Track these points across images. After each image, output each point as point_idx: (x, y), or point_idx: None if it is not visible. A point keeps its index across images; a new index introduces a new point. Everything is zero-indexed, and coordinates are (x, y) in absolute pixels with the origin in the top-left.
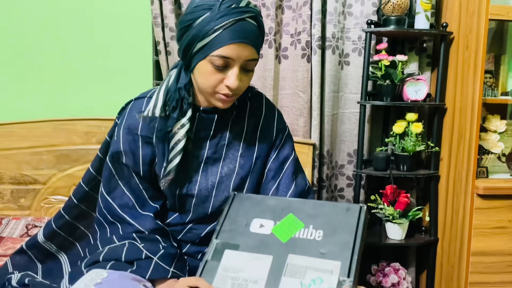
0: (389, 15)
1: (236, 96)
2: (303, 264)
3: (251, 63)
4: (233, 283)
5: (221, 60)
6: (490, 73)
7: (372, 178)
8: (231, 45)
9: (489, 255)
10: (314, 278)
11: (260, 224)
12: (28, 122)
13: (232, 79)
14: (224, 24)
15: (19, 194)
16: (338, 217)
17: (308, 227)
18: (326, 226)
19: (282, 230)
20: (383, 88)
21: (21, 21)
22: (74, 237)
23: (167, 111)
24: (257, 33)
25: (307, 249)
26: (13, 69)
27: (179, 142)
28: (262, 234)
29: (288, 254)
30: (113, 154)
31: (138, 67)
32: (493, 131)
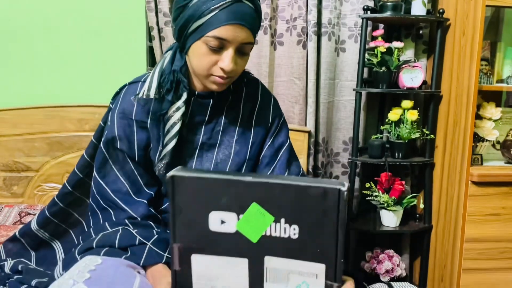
0: (385, 1)
1: (231, 79)
2: (284, 268)
3: (247, 47)
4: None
5: (216, 41)
6: (486, 61)
7: (367, 165)
8: (227, 26)
9: (483, 241)
10: (299, 284)
11: (221, 219)
12: (21, 108)
13: (226, 61)
14: (221, 5)
15: (12, 182)
16: (314, 207)
17: (279, 221)
18: (300, 219)
19: (248, 227)
20: (379, 75)
21: (12, 7)
22: (67, 224)
23: (161, 93)
24: (254, 16)
25: (283, 249)
26: (4, 55)
27: (174, 125)
28: (226, 234)
29: (264, 256)
30: (108, 139)
31: (132, 53)
32: (488, 119)
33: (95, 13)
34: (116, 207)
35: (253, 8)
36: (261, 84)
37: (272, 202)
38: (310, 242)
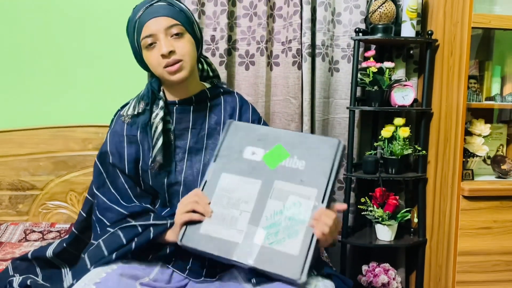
0: (376, 24)
1: (183, 62)
2: (287, 189)
3: (174, 28)
4: (228, 201)
5: (148, 39)
6: (475, 79)
7: (362, 181)
8: (147, 24)
9: (475, 254)
10: (294, 202)
11: (252, 151)
12: (27, 129)
13: (161, 47)
14: (139, 15)
15: (17, 200)
16: (319, 150)
17: (293, 157)
18: (308, 157)
19: (271, 158)
20: (372, 94)
21: (19, 30)
22: (79, 251)
23: (141, 108)
24: (168, 7)
25: (291, 176)
26: (11, 77)
27: (157, 128)
28: (253, 161)
29: (274, 180)
30: (101, 154)
31: (133, 75)
32: (478, 135)
33: (100, 38)
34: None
35: (166, 3)
36: (237, 93)
37: (291, 145)
38: (310, 173)
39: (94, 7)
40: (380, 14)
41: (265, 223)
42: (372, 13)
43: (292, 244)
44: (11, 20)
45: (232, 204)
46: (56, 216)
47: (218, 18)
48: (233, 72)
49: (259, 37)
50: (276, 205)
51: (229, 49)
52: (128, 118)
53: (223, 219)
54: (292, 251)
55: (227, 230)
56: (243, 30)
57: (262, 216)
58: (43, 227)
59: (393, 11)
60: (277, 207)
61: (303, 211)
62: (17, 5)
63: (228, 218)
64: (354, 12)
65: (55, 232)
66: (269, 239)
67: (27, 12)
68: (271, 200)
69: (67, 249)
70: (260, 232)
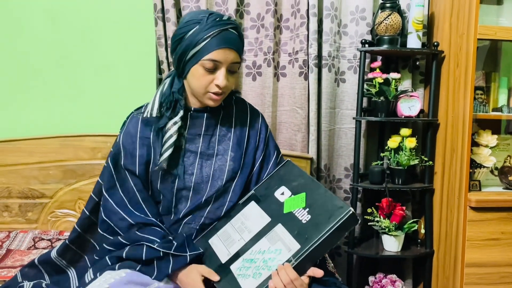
0: (382, 35)
1: (224, 94)
2: (281, 236)
3: (235, 65)
4: (240, 226)
5: (211, 63)
6: (482, 90)
7: (369, 191)
8: (219, 50)
9: (483, 266)
10: (278, 249)
11: (283, 191)
12: (36, 138)
13: (221, 78)
14: (211, 34)
15: (27, 208)
16: (327, 211)
17: (305, 209)
18: (316, 214)
19: (290, 203)
20: (378, 104)
21: (30, 40)
22: (83, 250)
23: (162, 112)
24: (238, 41)
25: (292, 225)
26: (21, 87)
27: (171, 137)
28: (278, 200)
29: (279, 223)
30: (114, 155)
31: (142, 85)
32: (485, 146)
33: (109, 48)
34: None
35: (237, 34)
36: (248, 103)
37: (313, 198)
38: (307, 229)
39: (104, 17)
40: (386, 25)
41: (247, 256)
42: (378, 25)
43: (251, 283)
44: (21, 30)
45: (240, 229)
46: (64, 224)
47: None
48: (240, 82)
49: (266, 48)
50: (265, 245)
51: None
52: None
53: (226, 238)
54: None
55: (222, 247)
56: (250, 42)
57: (250, 249)
58: (51, 235)
59: (399, 23)
60: (264, 247)
61: (277, 260)
62: (27, 15)
63: (230, 239)
64: (360, 23)
65: (63, 240)
66: (240, 271)
67: (37, 21)
68: (264, 239)
69: (69, 247)
70: (239, 261)
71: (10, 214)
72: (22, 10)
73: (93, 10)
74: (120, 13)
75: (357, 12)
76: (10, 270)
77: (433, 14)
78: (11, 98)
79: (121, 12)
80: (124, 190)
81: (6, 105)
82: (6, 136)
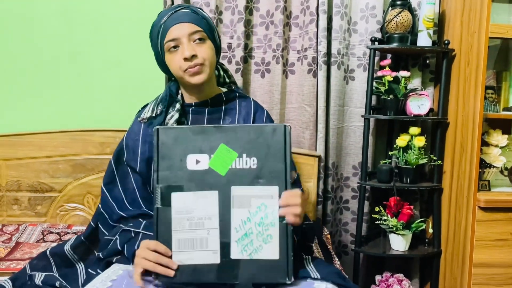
0: (392, 33)
1: (203, 66)
2: (246, 194)
3: (197, 34)
4: (190, 223)
5: (171, 43)
6: (492, 89)
7: (376, 190)
8: (171, 29)
9: (491, 267)
10: (258, 205)
11: (196, 160)
12: (46, 132)
13: (184, 50)
14: (164, 21)
15: (36, 202)
16: (267, 141)
17: (241, 156)
18: (258, 152)
19: (218, 163)
20: (387, 102)
21: (40, 36)
22: (95, 246)
23: (158, 110)
24: (191, 14)
25: (246, 178)
26: (33, 82)
27: None
28: (200, 170)
29: (230, 187)
30: (117, 152)
31: (150, 81)
32: (495, 145)
33: (119, 44)
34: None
35: (190, 11)
36: (253, 99)
37: (235, 142)
38: (265, 169)
39: (115, 14)
40: (396, 23)
41: (236, 235)
42: (389, 23)
43: (270, 249)
44: (34, 26)
45: (196, 225)
46: (73, 218)
47: (235, 26)
48: (248, 79)
49: (275, 45)
50: (242, 213)
51: (245, 56)
52: (145, 120)
53: (192, 244)
54: (272, 256)
55: (200, 253)
56: (259, 38)
57: (231, 228)
58: (60, 229)
59: (409, 21)
60: (243, 215)
61: (270, 213)
62: (41, 11)
63: (197, 241)
64: (371, 21)
65: (71, 234)
66: (247, 251)
67: (50, 18)
68: (235, 210)
69: (84, 242)
70: (234, 246)
71: (19, 207)
72: (36, 6)
73: (104, 6)
74: (130, 10)
75: (367, 9)
76: (19, 262)
77: (444, 12)
78: (23, 93)
79: (131, 8)
80: (123, 186)
81: (18, 99)
82: (18, 130)
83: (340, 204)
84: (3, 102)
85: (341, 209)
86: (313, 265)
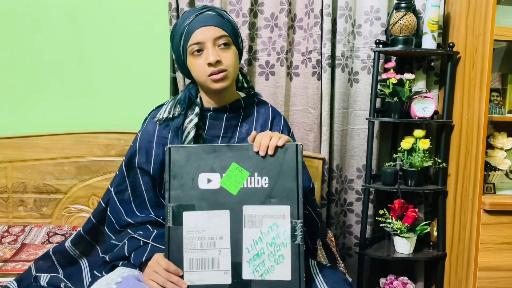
0: (397, 35)
1: (227, 73)
2: (258, 214)
3: (222, 39)
4: (201, 242)
5: (195, 47)
6: (497, 92)
7: (381, 192)
8: (196, 32)
9: (496, 270)
10: (270, 225)
11: (208, 179)
12: (52, 134)
13: (208, 56)
14: (188, 23)
15: (42, 203)
16: (279, 160)
17: (253, 175)
18: (269, 171)
19: (230, 182)
20: (391, 105)
21: (46, 38)
22: (96, 241)
23: (176, 112)
24: (217, 17)
25: (257, 198)
26: (39, 85)
27: (189, 134)
28: (212, 190)
29: (242, 206)
30: (130, 154)
31: (156, 83)
32: (500, 148)
33: (124, 47)
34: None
35: (214, 13)
36: (271, 105)
37: (247, 161)
38: (277, 188)
39: (119, 17)
40: (401, 26)
41: (248, 256)
42: (393, 25)
43: (282, 269)
44: (41, 29)
45: (207, 245)
46: (78, 220)
47: (240, 28)
48: (253, 81)
49: (279, 47)
50: (253, 233)
51: (249, 59)
52: (161, 121)
53: (203, 264)
54: (284, 277)
55: (212, 273)
56: (263, 41)
57: (243, 248)
58: (65, 230)
59: (414, 23)
60: (254, 235)
61: (282, 233)
62: (47, 14)
63: (209, 261)
64: (375, 24)
65: None
66: (258, 271)
67: (56, 21)
68: (246, 229)
69: (83, 236)
70: (246, 266)
71: (25, 208)
72: (42, 10)
73: (110, 10)
74: (135, 13)
75: (371, 12)
76: (24, 263)
77: (449, 14)
78: (30, 95)
79: (136, 11)
80: (132, 189)
81: (25, 102)
82: (24, 132)
83: (344, 206)
84: (9, 104)
85: (345, 211)
86: (321, 275)
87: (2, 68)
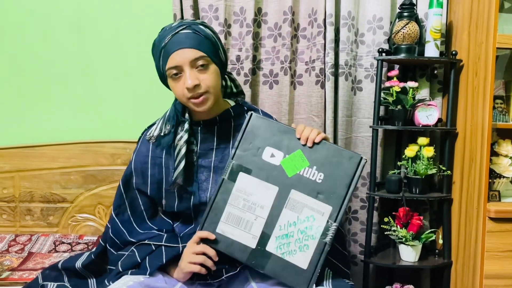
0: (399, 44)
1: (208, 94)
2: (302, 201)
3: (199, 60)
4: (244, 204)
5: (172, 71)
6: (501, 99)
7: (385, 200)
8: (172, 55)
9: (502, 278)
10: (308, 216)
11: (272, 153)
12: (59, 144)
13: (186, 80)
14: (163, 45)
15: (48, 212)
16: (340, 164)
17: (312, 167)
18: (328, 170)
19: (289, 164)
20: (395, 113)
21: (52, 47)
22: (106, 262)
23: (166, 130)
24: (193, 37)
25: (307, 188)
26: (46, 95)
27: (181, 150)
28: (272, 164)
29: (291, 189)
30: (125, 176)
31: (162, 92)
32: (505, 156)
33: (129, 57)
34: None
35: (191, 31)
36: (262, 110)
37: (312, 153)
38: (328, 188)
39: (125, 28)
40: (403, 34)
41: (278, 232)
42: (396, 34)
43: (302, 257)
44: (48, 39)
45: (248, 208)
46: (84, 229)
47: (244, 39)
48: (257, 90)
49: (283, 57)
50: (291, 216)
51: (253, 68)
52: (153, 139)
53: (238, 222)
54: (301, 264)
55: (242, 233)
56: (267, 50)
57: (276, 224)
58: (72, 239)
59: (416, 32)
60: (291, 218)
61: (315, 227)
62: (54, 25)
63: (244, 221)
64: (378, 32)
65: (83, 244)
66: (281, 249)
67: (63, 32)
68: (286, 210)
69: (95, 260)
70: (273, 240)
71: (32, 217)
72: (49, 22)
73: (115, 21)
74: (140, 23)
75: (374, 21)
76: (31, 272)
77: (452, 23)
78: (37, 105)
79: (141, 22)
80: (132, 210)
81: (32, 111)
82: (31, 141)
83: (349, 214)
84: (17, 114)
85: (350, 219)
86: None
87: (10, 79)
